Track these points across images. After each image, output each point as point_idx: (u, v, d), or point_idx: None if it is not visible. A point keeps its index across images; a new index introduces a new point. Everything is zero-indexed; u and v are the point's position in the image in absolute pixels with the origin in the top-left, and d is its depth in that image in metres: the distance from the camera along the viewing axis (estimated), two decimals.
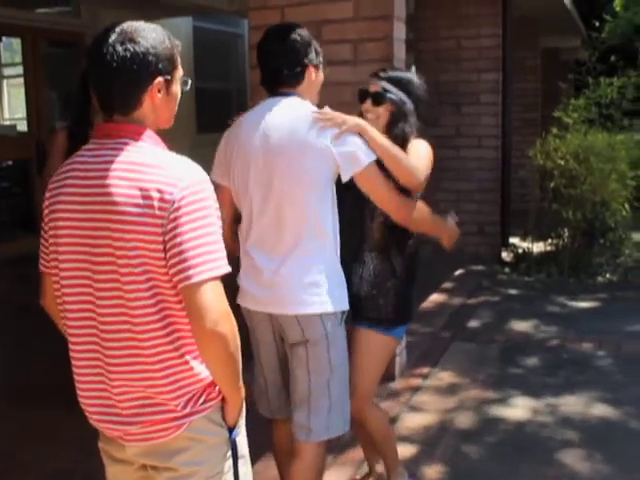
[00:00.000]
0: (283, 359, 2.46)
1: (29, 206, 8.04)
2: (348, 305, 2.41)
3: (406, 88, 2.69)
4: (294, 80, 2.38)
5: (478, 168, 7.63)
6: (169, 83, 1.67)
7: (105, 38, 1.60)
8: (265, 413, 2.57)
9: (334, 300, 2.34)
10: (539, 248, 7.55)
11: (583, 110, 7.58)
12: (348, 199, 2.48)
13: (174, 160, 1.61)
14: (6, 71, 10.20)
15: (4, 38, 8.95)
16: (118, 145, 1.61)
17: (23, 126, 8.53)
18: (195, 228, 1.53)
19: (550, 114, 8.12)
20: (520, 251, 7.65)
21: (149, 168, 1.57)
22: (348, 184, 2.34)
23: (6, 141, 8.24)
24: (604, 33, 9.90)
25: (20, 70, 8.45)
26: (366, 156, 2.29)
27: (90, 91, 1.67)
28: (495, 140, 7.66)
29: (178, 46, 1.70)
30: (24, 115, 8.36)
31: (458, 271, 7.14)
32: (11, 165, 8.54)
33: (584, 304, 6.12)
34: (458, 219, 2.76)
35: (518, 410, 3.98)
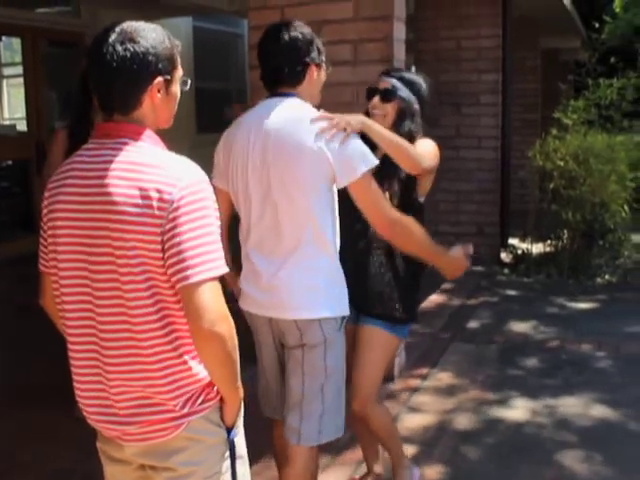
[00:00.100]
0: (283, 362, 2.45)
1: (29, 206, 8.04)
2: (348, 310, 2.37)
3: (414, 89, 2.72)
4: (295, 79, 2.33)
5: (478, 169, 7.63)
6: (169, 83, 1.67)
7: (105, 38, 1.60)
8: (267, 413, 2.56)
9: (333, 305, 2.31)
10: (538, 249, 7.55)
11: (583, 111, 7.58)
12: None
13: (173, 160, 1.61)
14: (6, 71, 10.20)
15: (4, 38, 8.94)
16: (117, 145, 1.61)
17: (23, 126, 8.52)
18: (194, 228, 1.53)
19: (550, 115, 8.12)
20: (519, 252, 7.65)
21: (148, 168, 1.57)
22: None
23: (6, 141, 8.24)
24: (604, 34, 9.90)
25: (20, 70, 8.45)
26: (363, 164, 2.21)
27: (90, 91, 1.68)
28: (495, 141, 7.66)
29: (178, 46, 1.70)
30: (24, 115, 8.36)
31: None
32: (11, 165, 8.54)
33: (583, 305, 6.12)
34: (473, 251, 2.58)
35: (517, 411, 3.98)
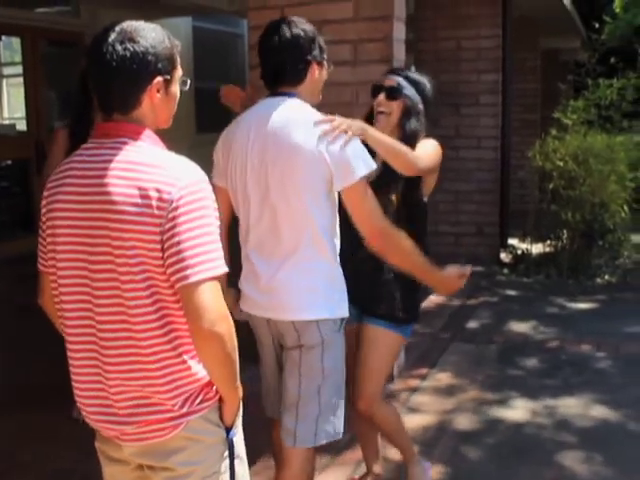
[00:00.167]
0: (282, 362, 2.44)
1: (28, 206, 8.03)
2: (347, 312, 2.35)
3: (419, 88, 2.72)
4: (296, 77, 2.29)
5: (477, 169, 7.63)
6: (168, 83, 1.67)
7: (105, 37, 1.60)
8: (268, 413, 2.55)
9: (332, 306, 2.29)
10: (538, 249, 7.55)
11: (582, 111, 7.58)
12: None
13: (173, 160, 1.61)
14: (5, 70, 10.20)
15: (4, 37, 8.94)
16: (117, 144, 1.61)
17: (22, 125, 8.52)
18: (193, 228, 1.53)
19: (550, 115, 8.12)
20: (519, 252, 7.65)
21: (148, 167, 1.56)
22: None
23: (5, 140, 8.24)
24: (604, 34, 9.90)
25: (20, 69, 8.45)
26: (361, 168, 2.17)
27: (91, 90, 1.68)
28: (494, 141, 7.66)
29: (177, 46, 1.70)
30: (23, 114, 8.35)
31: None
32: (10, 165, 8.54)
33: (583, 305, 6.12)
34: (470, 271, 2.56)
35: (517, 411, 3.98)
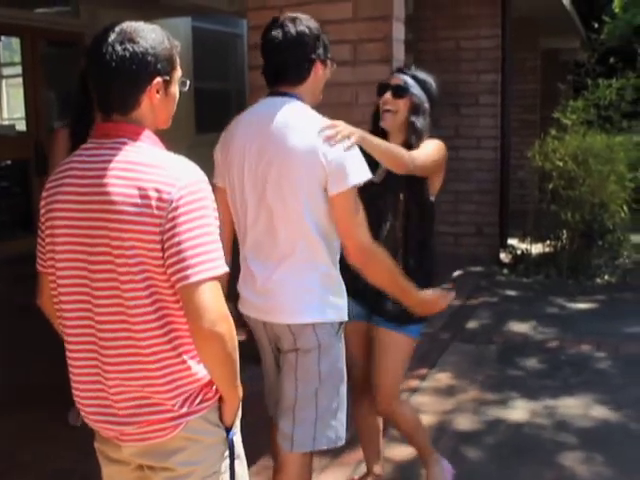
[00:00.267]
0: (279, 365, 2.41)
1: (28, 206, 8.03)
2: (346, 316, 2.32)
3: (425, 87, 2.72)
4: (299, 76, 2.25)
5: (477, 169, 7.63)
6: (168, 84, 1.67)
7: (104, 38, 1.60)
8: (270, 412, 2.50)
9: (329, 310, 2.25)
10: (538, 249, 7.55)
11: (582, 111, 7.58)
12: (365, 199, 2.47)
13: (172, 160, 1.61)
14: (5, 71, 10.19)
15: (3, 38, 8.93)
16: (116, 145, 1.61)
17: (22, 126, 8.51)
18: (193, 228, 1.53)
19: (549, 115, 8.12)
20: (519, 252, 7.65)
21: (147, 168, 1.56)
22: (363, 186, 2.30)
23: (5, 141, 8.23)
24: (603, 35, 9.90)
25: (19, 70, 8.44)
26: (354, 177, 2.14)
27: (91, 90, 1.68)
28: (494, 141, 7.67)
29: (177, 47, 1.70)
30: (23, 115, 8.35)
31: (456, 272, 7.14)
32: (10, 165, 8.53)
33: (582, 305, 6.12)
34: (454, 296, 2.55)
35: (517, 412, 3.98)
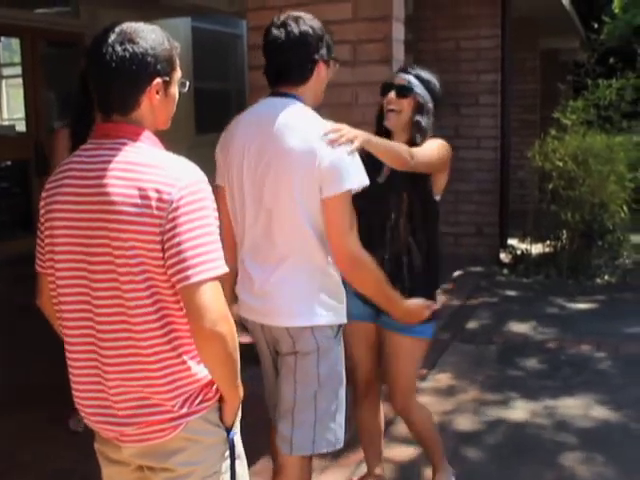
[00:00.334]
0: (278, 367, 2.39)
1: (28, 206, 8.03)
2: (345, 318, 2.30)
3: (429, 87, 2.72)
4: (301, 77, 2.22)
5: (477, 169, 7.63)
6: (167, 84, 1.67)
7: (104, 38, 1.60)
8: (271, 414, 2.48)
9: (327, 313, 2.23)
10: (538, 249, 7.55)
11: (582, 112, 7.58)
12: (368, 200, 2.47)
13: (172, 160, 1.61)
14: (5, 71, 10.19)
15: (3, 38, 8.94)
16: (116, 145, 1.61)
17: (22, 126, 8.51)
18: (193, 228, 1.53)
19: (549, 115, 8.12)
20: (519, 252, 7.65)
21: (147, 168, 1.57)
22: (371, 183, 2.28)
23: (5, 141, 8.23)
24: (603, 35, 9.90)
25: (19, 70, 8.44)
26: (349, 181, 2.11)
27: (91, 90, 1.68)
28: (494, 141, 7.67)
29: (177, 48, 1.70)
30: (23, 115, 8.35)
31: (456, 272, 7.14)
32: (10, 165, 8.54)
33: (582, 306, 6.12)
34: (437, 307, 2.53)
35: (517, 412, 3.98)
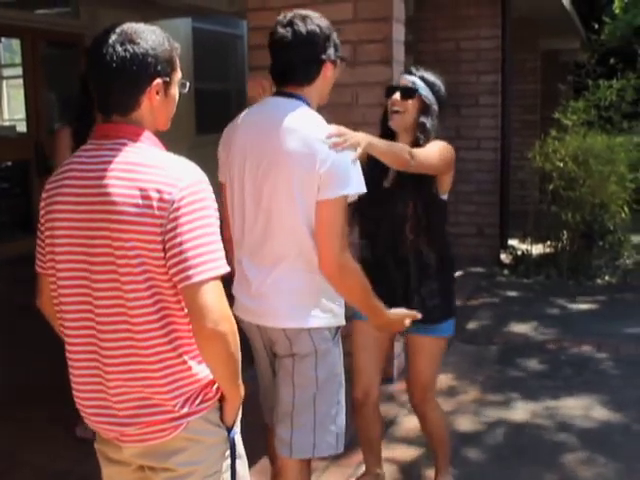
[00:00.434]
0: (275, 369, 2.37)
1: (28, 207, 8.03)
2: (343, 321, 2.29)
3: (434, 89, 2.72)
4: (307, 77, 2.19)
5: (477, 170, 7.62)
6: (167, 85, 1.67)
7: (105, 39, 1.60)
8: (266, 419, 2.46)
9: (325, 315, 2.21)
10: (538, 250, 7.55)
11: (582, 112, 7.57)
12: (374, 204, 2.45)
13: (172, 160, 1.61)
14: (5, 72, 10.20)
15: (3, 39, 8.95)
16: (116, 146, 1.61)
17: (22, 127, 8.52)
18: (195, 228, 1.54)
19: (549, 116, 8.12)
20: (519, 253, 7.65)
21: (147, 168, 1.57)
22: (377, 189, 2.26)
23: (5, 142, 8.24)
24: (603, 35, 9.91)
25: (19, 71, 8.44)
26: (346, 187, 2.09)
27: (91, 91, 1.68)
28: (494, 142, 7.66)
29: (177, 49, 1.70)
30: (23, 116, 8.35)
31: (457, 273, 7.12)
32: (10, 166, 8.54)
33: (583, 306, 6.12)
34: (419, 317, 2.44)
35: (518, 412, 3.98)
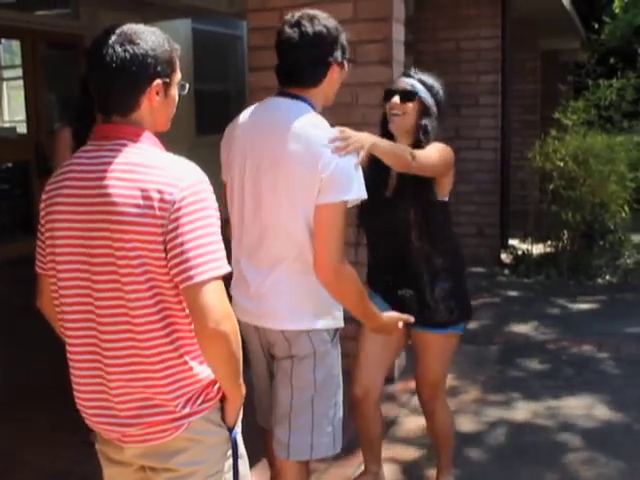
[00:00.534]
0: (272, 370, 2.35)
1: (29, 208, 8.04)
2: (342, 322, 2.28)
3: (433, 92, 2.72)
4: (313, 79, 2.17)
5: (477, 170, 7.62)
6: (167, 86, 1.67)
7: (105, 39, 1.61)
8: (260, 422, 2.44)
9: (324, 317, 2.21)
10: (538, 250, 7.55)
11: (582, 112, 7.57)
12: (376, 211, 2.44)
13: (173, 161, 1.61)
14: (6, 73, 10.21)
15: (3, 40, 8.96)
16: (116, 146, 1.61)
17: (23, 128, 8.53)
18: (196, 228, 1.54)
19: (549, 116, 8.12)
20: (519, 253, 7.65)
21: (148, 169, 1.57)
22: (378, 198, 2.25)
23: (6, 143, 8.24)
24: (603, 35, 9.91)
25: (20, 72, 8.45)
26: (347, 192, 2.07)
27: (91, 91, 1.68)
28: (494, 142, 7.66)
29: (177, 50, 1.70)
30: (24, 117, 8.36)
31: None
32: (11, 167, 8.54)
33: (584, 306, 6.12)
34: (412, 320, 2.45)
35: (519, 412, 3.98)
